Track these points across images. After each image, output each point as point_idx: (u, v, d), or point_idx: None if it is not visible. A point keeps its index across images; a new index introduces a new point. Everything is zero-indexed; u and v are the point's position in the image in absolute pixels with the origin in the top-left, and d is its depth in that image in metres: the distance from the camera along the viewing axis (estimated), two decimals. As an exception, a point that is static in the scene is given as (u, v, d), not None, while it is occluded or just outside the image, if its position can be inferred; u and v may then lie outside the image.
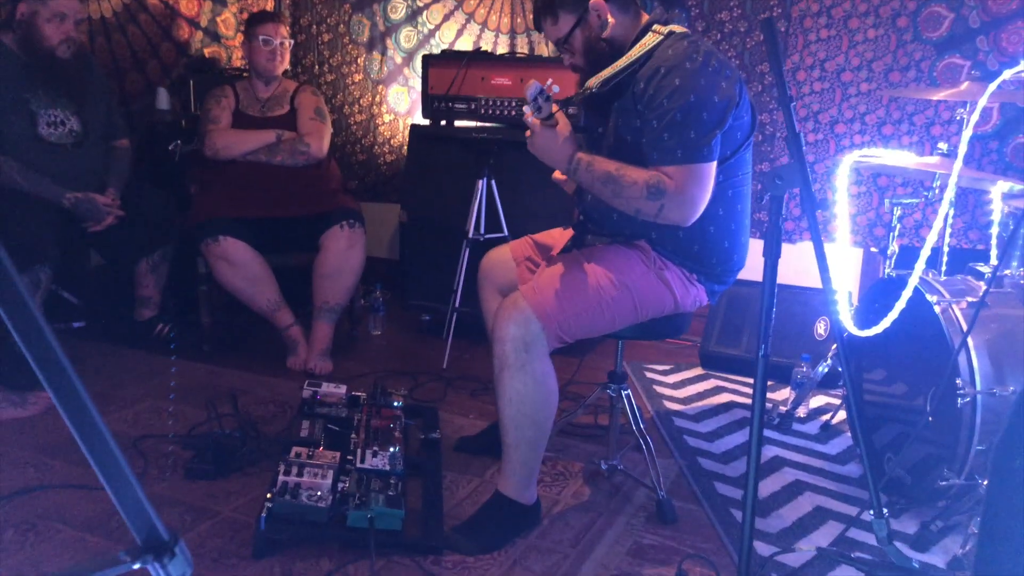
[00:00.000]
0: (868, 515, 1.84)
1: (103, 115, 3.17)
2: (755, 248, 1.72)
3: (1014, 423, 1.41)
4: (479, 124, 3.48)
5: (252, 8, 4.25)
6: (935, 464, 2.14)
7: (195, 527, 2.03)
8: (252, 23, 3.38)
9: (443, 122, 3.54)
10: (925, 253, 1.98)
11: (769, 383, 3.15)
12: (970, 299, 2.08)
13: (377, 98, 4.22)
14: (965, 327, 2.02)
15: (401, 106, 4.19)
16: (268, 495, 1.96)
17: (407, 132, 4.17)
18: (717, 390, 3.09)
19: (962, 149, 2.10)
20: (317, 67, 4.29)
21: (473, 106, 3.44)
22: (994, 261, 2.32)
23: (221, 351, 3.27)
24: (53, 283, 2.93)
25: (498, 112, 3.41)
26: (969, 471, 2.02)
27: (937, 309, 2.06)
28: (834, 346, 2.71)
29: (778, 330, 3.15)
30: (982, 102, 1.83)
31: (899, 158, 2.27)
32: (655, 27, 1.99)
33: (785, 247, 1.39)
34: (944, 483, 2.03)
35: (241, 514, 2.10)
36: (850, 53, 3.22)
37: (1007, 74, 1.72)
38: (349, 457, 2.19)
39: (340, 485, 2.05)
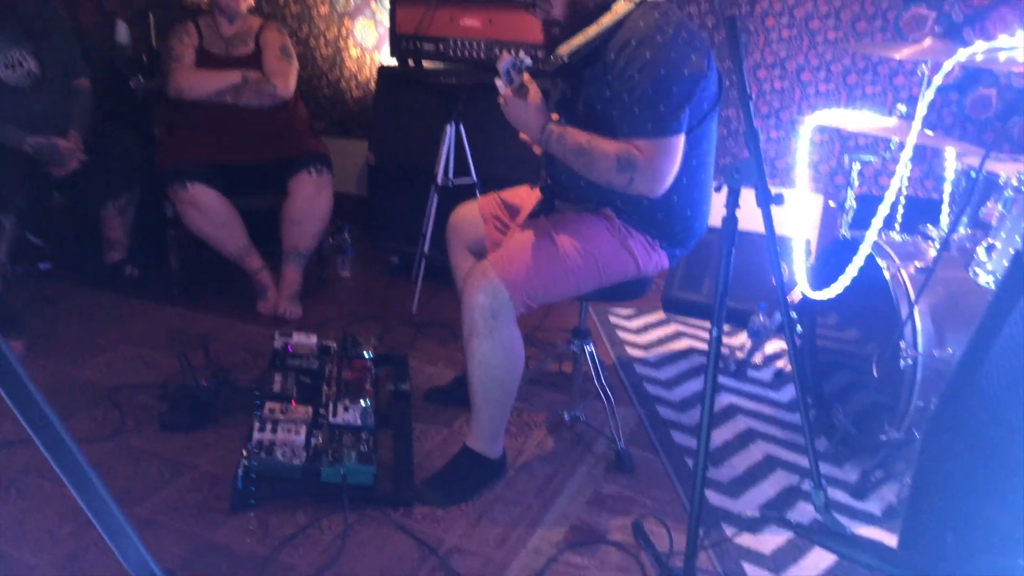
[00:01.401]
0: (807, 485, 1.97)
1: (62, 55, 3.10)
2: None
3: (945, 400, 1.51)
4: (448, 67, 3.45)
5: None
6: (878, 415, 2.27)
7: (174, 481, 2.11)
8: (214, -43, 3.29)
9: (411, 62, 3.50)
10: (877, 224, 2.05)
11: (726, 328, 3.26)
12: (918, 264, 2.17)
13: (343, 31, 4.14)
14: (912, 291, 2.11)
15: (368, 40, 4.11)
16: (244, 452, 2.04)
17: (374, 68, 4.13)
18: (678, 335, 3.19)
19: (919, 113, 2.15)
20: (281, -3, 4.18)
21: (441, 47, 3.41)
22: (944, 223, 2.41)
23: (191, 294, 3.30)
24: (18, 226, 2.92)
25: (467, 54, 3.38)
26: (908, 426, 2.15)
27: (887, 274, 2.15)
28: (792, 296, 2.81)
29: (736, 277, 3.20)
30: (937, 79, 1.88)
31: (859, 120, 2.32)
32: (625, -6, 1.99)
33: (746, 193, 1.40)
34: (885, 437, 2.16)
35: (217, 467, 2.18)
36: (819, 1, 3.22)
37: (962, 55, 1.76)
38: (321, 411, 2.27)
39: (313, 440, 2.13)
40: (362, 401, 2.32)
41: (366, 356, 2.62)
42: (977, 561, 1.07)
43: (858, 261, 2.09)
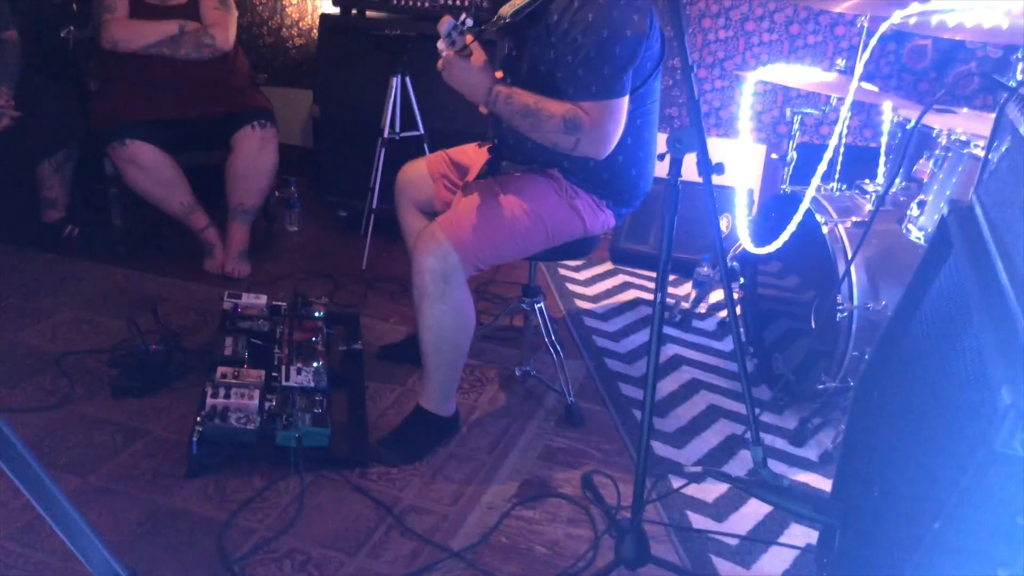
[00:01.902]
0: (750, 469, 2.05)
1: (-15, 7, 2.97)
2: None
3: (873, 359, 1.59)
4: (392, 17, 3.39)
5: None
6: (816, 363, 2.37)
7: (128, 447, 2.12)
8: (142, -100, 3.15)
9: (354, 11, 3.43)
10: (815, 182, 2.11)
11: (672, 278, 3.34)
12: (855, 219, 2.25)
13: (283, -23, 4.03)
14: (849, 246, 2.19)
15: (309, -14, 4.01)
16: (198, 418, 2.06)
17: (316, 16, 4.03)
18: (625, 286, 3.26)
19: (856, 72, 2.20)
20: (216, -60, 4.02)
21: (384, -5, 3.34)
22: (881, 177, 2.49)
23: (136, 253, 3.24)
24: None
25: (411, 3, 3.32)
26: (843, 375, 2.25)
27: (824, 229, 2.22)
28: (735, 246, 2.88)
29: (682, 227, 3.27)
30: (872, 41, 1.92)
31: (800, 75, 2.36)
32: (568, -48, 1.98)
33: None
34: (822, 386, 2.26)
35: (172, 433, 2.19)
36: (763, -51, 3.23)
37: (896, 17, 1.80)
38: (274, 374, 2.28)
39: (267, 404, 2.15)
40: (315, 363, 2.34)
41: (317, 316, 2.63)
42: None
43: (797, 218, 2.15)
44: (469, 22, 1.87)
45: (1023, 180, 1.08)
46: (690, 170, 1.50)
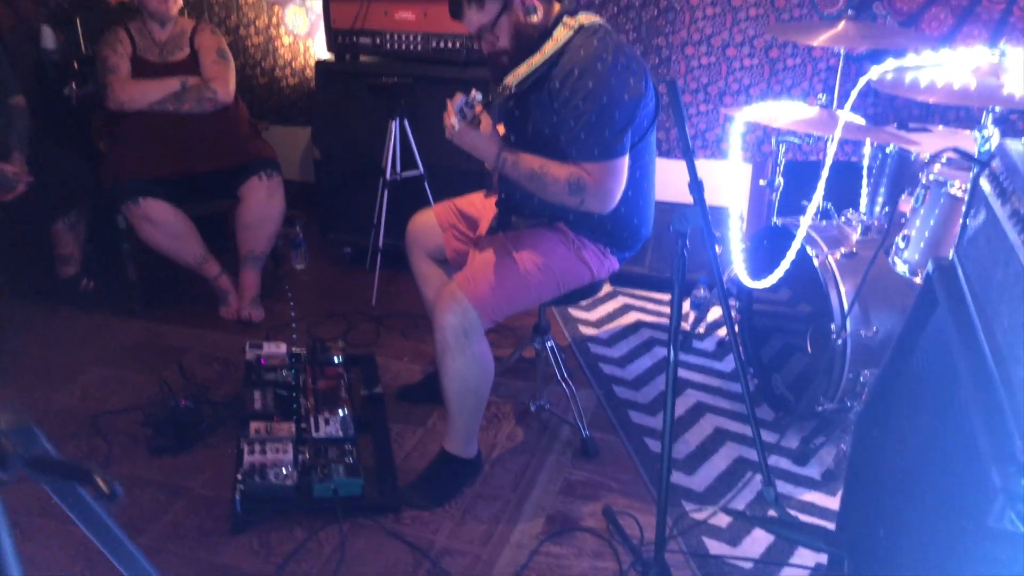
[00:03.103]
0: (759, 482, 2.19)
1: (-7, 76, 3.06)
2: (667, 167, 1.83)
3: (874, 394, 1.73)
4: (385, 62, 3.50)
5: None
6: (812, 378, 2.51)
7: (171, 507, 2.23)
8: (138, -37, 3.24)
9: (348, 56, 3.54)
10: (806, 222, 2.25)
11: (669, 297, 3.46)
12: (843, 249, 2.39)
13: (274, 19, 4.12)
14: (840, 277, 2.33)
15: (300, 28, 4.10)
16: (238, 476, 2.18)
17: (309, 56, 4.14)
18: (625, 309, 3.39)
19: (840, 124, 2.32)
20: (206, -14, 4.12)
21: (378, 40, 3.45)
22: (863, 208, 2.63)
23: (151, 304, 3.35)
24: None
25: (403, 47, 3.43)
26: (840, 396, 2.39)
27: (815, 262, 2.36)
28: (729, 269, 3.01)
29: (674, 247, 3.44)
30: (853, 94, 2.05)
31: (785, 112, 2.49)
32: (565, 19, 2.10)
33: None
34: (821, 408, 2.40)
35: (211, 490, 2.30)
36: (740, -21, 3.36)
37: (874, 72, 1.93)
38: (303, 425, 2.41)
39: (300, 457, 2.27)
40: (340, 411, 2.46)
41: (336, 361, 2.75)
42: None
43: (791, 255, 2.29)
44: (478, 96, 1.99)
45: (999, 259, 1.22)
46: (681, 193, 1.61)
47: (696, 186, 1.56)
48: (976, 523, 1.00)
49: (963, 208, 1.77)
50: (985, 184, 1.38)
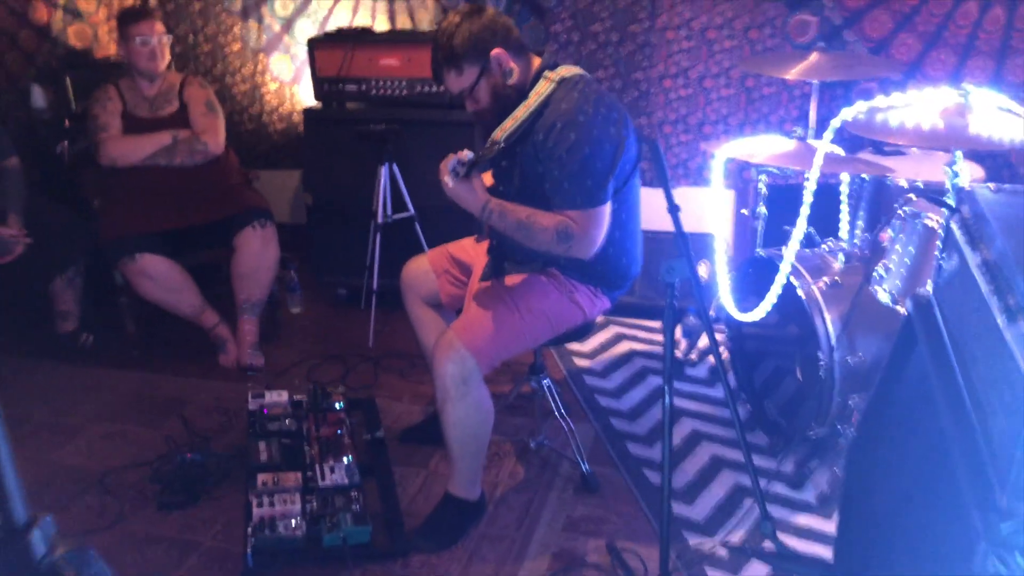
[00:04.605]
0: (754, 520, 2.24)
1: (-12, 140, 3.11)
2: (652, 196, 1.92)
3: (863, 426, 1.80)
4: (371, 108, 3.57)
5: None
6: (803, 403, 2.58)
7: (184, 562, 2.27)
8: (124, 22, 3.30)
9: (334, 103, 3.61)
10: (789, 257, 2.32)
11: (659, 325, 3.53)
12: (826, 279, 2.46)
13: (259, 67, 4.19)
14: (824, 306, 2.41)
15: (285, 74, 4.18)
16: (248, 530, 2.22)
17: (295, 101, 4.21)
18: (618, 339, 3.46)
19: (816, 164, 2.40)
20: (192, 37, 4.18)
21: (363, 87, 3.53)
22: (844, 233, 2.71)
23: (150, 356, 3.39)
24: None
25: (388, 92, 3.51)
26: (831, 421, 2.46)
27: (800, 292, 2.44)
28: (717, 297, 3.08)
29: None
30: (827, 135, 2.13)
31: (763, 148, 2.58)
32: (546, 74, 2.18)
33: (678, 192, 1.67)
34: (813, 434, 2.47)
35: (221, 542, 2.34)
36: (713, 13, 3.45)
37: (846, 114, 2.01)
38: (309, 474, 2.45)
39: (308, 507, 2.32)
40: (344, 458, 2.51)
41: (338, 407, 2.80)
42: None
43: (776, 289, 2.36)
44: (470, 155, 2.06)
45: (972, 306, 1.29)
46: (666, 219, 1.69)
47: (683, 241, 1.63)
48: (963, 563, 1.07)
49: (938, 242, 1.85)
50: (956, 229, 1.45)
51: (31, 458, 2.72)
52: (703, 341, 3.36)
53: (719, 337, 3.38)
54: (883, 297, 2.26)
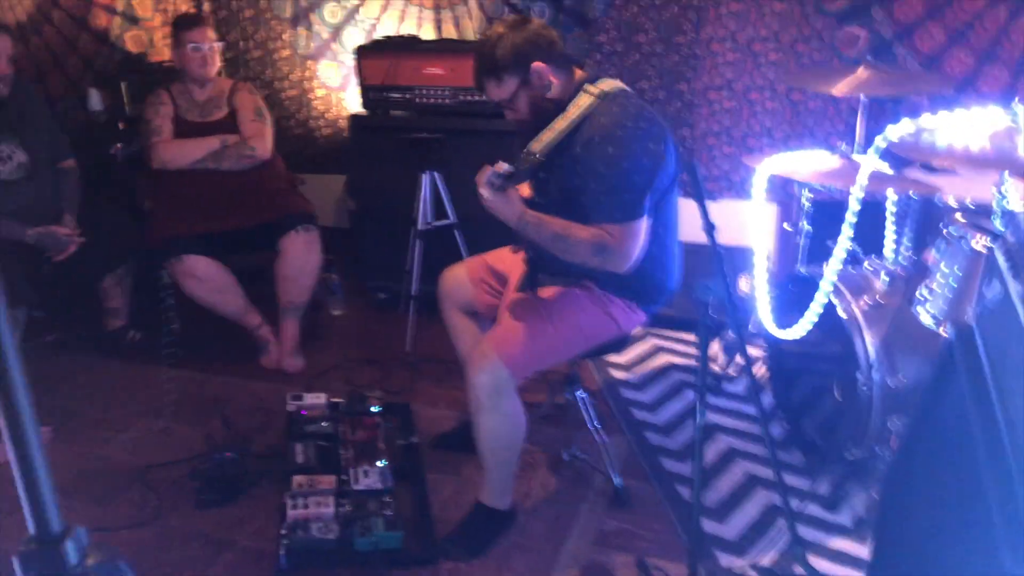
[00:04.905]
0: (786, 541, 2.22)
1: (47, 141, 3.21)
2: (691, 208, 1.91)
3: (901, 453, 1.77)
4: (415, 115, 3.61)
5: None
6: (841, 422, 2.54)
7: (219, 559, 2.32)
8: (179, 29, 3.39)
9: (379, 111, 3.66)
10: (830, 276, 2.29)
11: (693, 338, 3.52)
12: (867, 299, 2.43)
13: (307, 73, 4.27)
14: (865, 326, 2.37)
15: (333, 80, 4.25)
16: (283, 531, 2.26)
17: (342, 107, 4.27)
18: (656, 351, 3.44)
19: (860, 182, 2.36)
20: (242, 43, 4.28)
21: (408, 95, 3.57)
22: (888, 252, 2.67)
23: (195, 354, 3.47)
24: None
25: (433, 100, 3.54)
26: (869, 443, 2.42)
27: (841, 313, 2.40)
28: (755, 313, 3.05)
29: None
30: (871, 154, 2.10)
31: (806, 163, 2.55)
32: (587, 87, 2.19)
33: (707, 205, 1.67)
34: (850, 456, 2.43)
35: (256, 541, 2.39)
36: (759, 25, 3.43)
37: (892, 133, 1.98)
38: (343, 478, 2.49)
39: (342, 510, 2.35)
40: (378, 462, 2.55)
41: (373, 411, 2.84)
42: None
43: (816, 308, 2.34)
44: (507, 167, 2.08)
45: (1013, 337, 1.26)
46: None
47: (718, 259, 1.62)
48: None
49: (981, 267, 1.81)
50: (999, 256, 1.43)
51: (79, 452, 2.80)
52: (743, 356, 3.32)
53: (758, 353, 3.35)
54: (926, 319, 2.22)
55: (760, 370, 3.19)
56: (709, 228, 1.63)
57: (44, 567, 0.63)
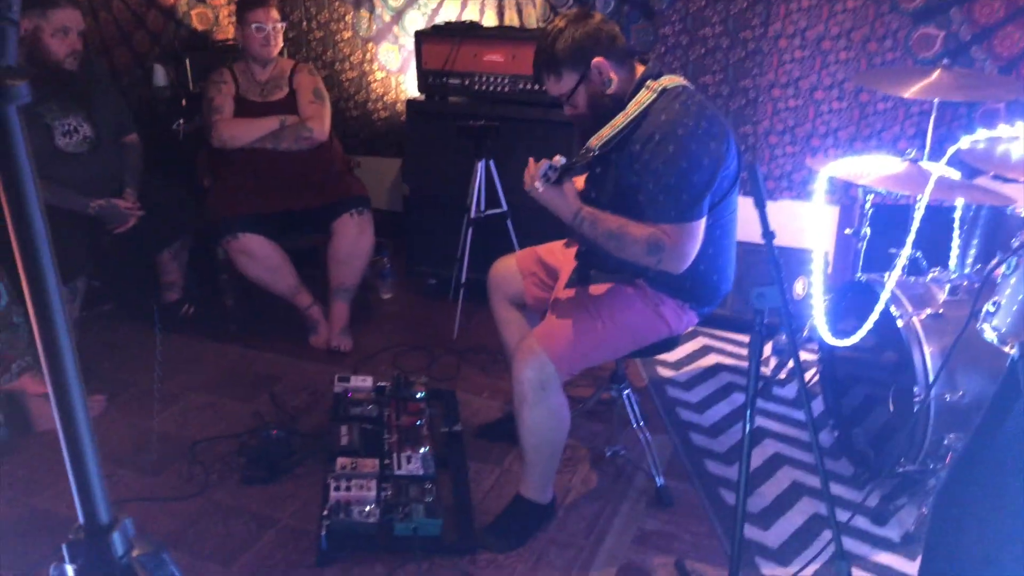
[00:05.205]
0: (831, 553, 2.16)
1: (112, 116, 3.28)
2: (745, 206, 1.86)
3: (955, 473, 1.71)
4: (473, 102, 3.59)
5: (233, -35, 4.23)
6: (893, 435, 2.48)
7: (261, 536, 2.36)
8: (243, 9, 3.42)
9: (437, 97, 3.65)
10: (890, 285, 2.23)
11: (746, 339, 3.46)
12: (929, 311, 2.35)
13: (368, 55, 4.28)
14: (924, 339, 2.30)
15: (392, 64, 4.25)
16: (324, 512, 2.28)
17: (400, 90, 4.28)
18: (705, 351, 3.39)
19: (932, 180, 2.29)
20: (304, 24, 4.31)
21: (467, 82, 3.55)
22: (953, 263, 2.58)
23: (247, 331, 3.52)
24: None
25: (491, 88, 3.52)
26: (923, 458, 2.36)
27: (900, 323, 2.33)
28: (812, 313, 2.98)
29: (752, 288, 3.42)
30: (942, 162, 2.02)
31: (870, 168, 2.48)
32: (648, 83, 2.15)
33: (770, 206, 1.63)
34: (902, 469, 2.37)
35: (298, 521, 2.42)
36: (830, 23, 3.33)
37: (965, 143, 1.91)
38: (386, 462, 2.50)
39: (383, 494, 2.37)
40: (421, 448, 2.56)
41: (418, 397, 2.85)
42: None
43: (874, 316, 2.27)
44: (563, 160, 2.05)
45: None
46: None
47: (775, 265, 1.58)
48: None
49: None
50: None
51: (131, 423, 2.87)
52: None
53: (810, 358, 3.29)
54: (989, 335, 2.14)
55: (811, 376, 3.13)
56: (768, 235, 1.59)
57: (91, 557, 0.64)
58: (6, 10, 0.58)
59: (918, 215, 2.21)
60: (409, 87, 4.23)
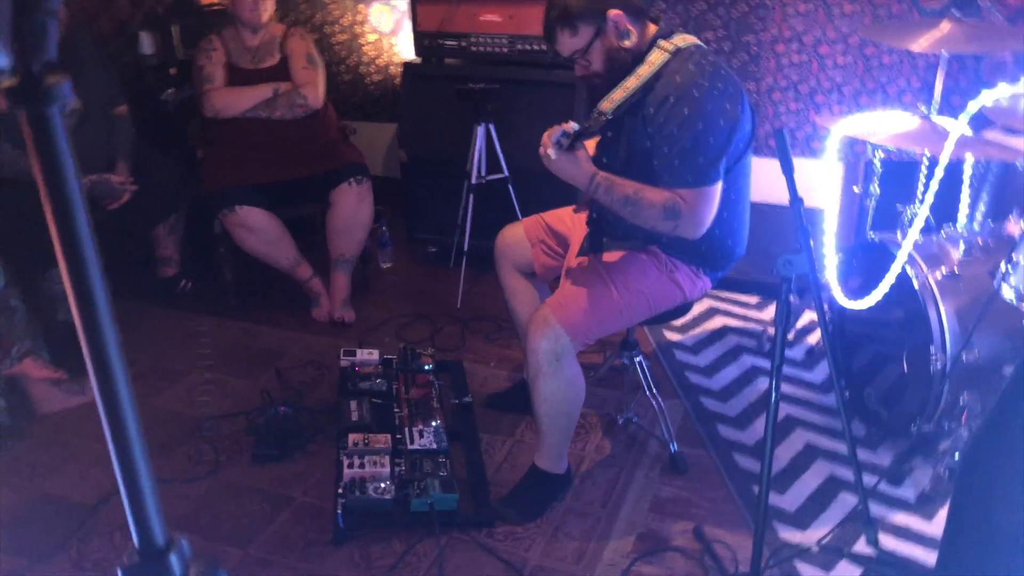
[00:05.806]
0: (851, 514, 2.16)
1: (100, 86, 3.18)
2: (763, 167, 1.79)
3: (986, 431, 1.70)
4: (470, 64, 3.51)
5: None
6: (904, 393, 2.47)
7: (276, 516, 2.34)
8: (231, -28, 3.31)
9: (433, 59, 3.57)
10: (907, 247, 2.20)
11: (756, 300, 3.45)
12: (944, 269, 2.33)
13: (359, 17, 4.17)
14: (940, 298, 2.28)
15: (385, 25, 4.15)
16: (339, 490, 2.26)
17: (392, 53, 4.18)
18: (711, 313, 3.37)
19: (952, 138, 2.25)
20: (293, -15, 4.19)
21: (463, 43, 3.46)
22: (962, 220, 2.55)
23: (247, 305, 3.47)
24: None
25: (488, 49, 3.44)
26: (939, 418, 2.35)
27: (916, 283, 2.31)
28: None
29: (766, 249, 3.39)
30: (963, 120, 1.98)
31: (883, 125, 2.43)
32: (660, 43, 2.08)
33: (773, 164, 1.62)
34: (916, 428, 2.36)
35: (313, 498, 2.40)
36: (835, -26, 3.26)
37: (987, 98, 1.86)
38: (398, 436, 2.48)
39: (397, 470, 2.35)
40: (433, 422, 2.53)
41: (427, 369, 2.82)
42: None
43: (890, 278, 2.24)
44: (575, 126, 2.00)
45: None
46: (774, 194, 1.59)
47: (804, 233, 1.54)
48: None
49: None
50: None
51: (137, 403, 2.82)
52: (801, 321, 3.24)
53: (816, 317, 3.27)
54: (1007, 294, 2.12)
55: (818, 336, 3.11)
56: (796, 202, 1.55)
57: (152, 579, 0.61)
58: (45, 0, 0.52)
59: (938, 174, 2.17)
60: (402, 49, 4.13)
